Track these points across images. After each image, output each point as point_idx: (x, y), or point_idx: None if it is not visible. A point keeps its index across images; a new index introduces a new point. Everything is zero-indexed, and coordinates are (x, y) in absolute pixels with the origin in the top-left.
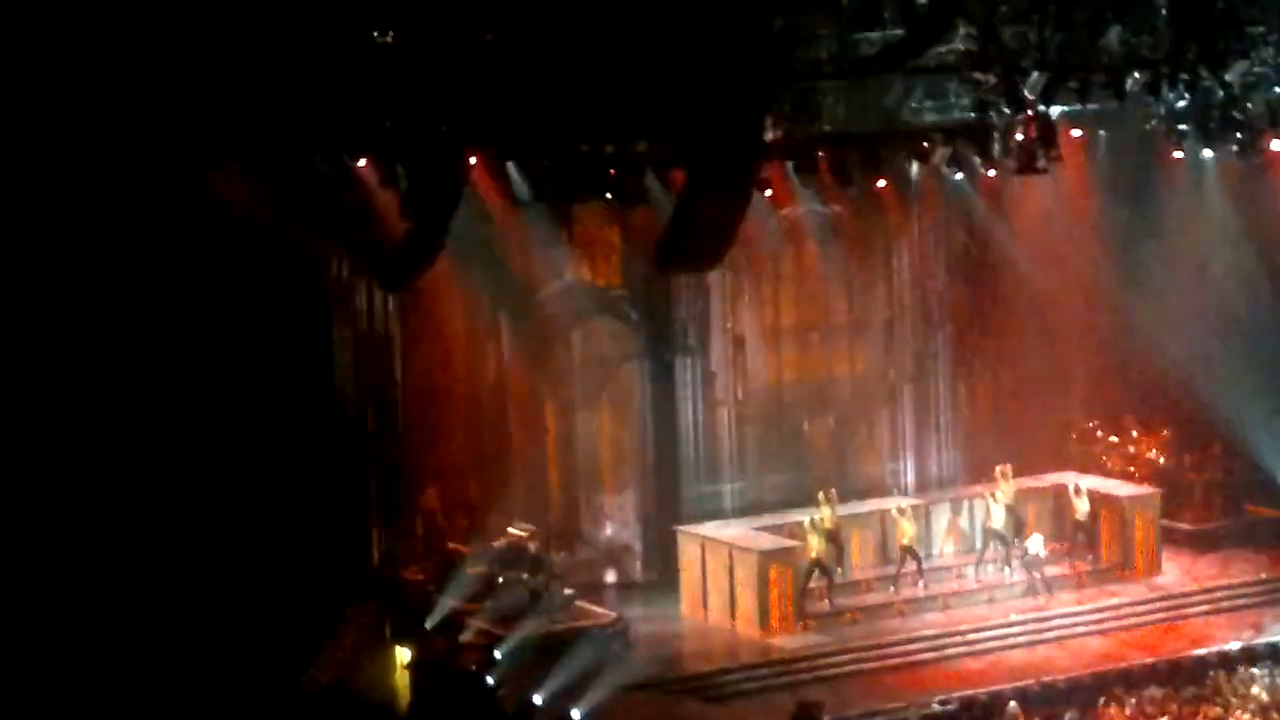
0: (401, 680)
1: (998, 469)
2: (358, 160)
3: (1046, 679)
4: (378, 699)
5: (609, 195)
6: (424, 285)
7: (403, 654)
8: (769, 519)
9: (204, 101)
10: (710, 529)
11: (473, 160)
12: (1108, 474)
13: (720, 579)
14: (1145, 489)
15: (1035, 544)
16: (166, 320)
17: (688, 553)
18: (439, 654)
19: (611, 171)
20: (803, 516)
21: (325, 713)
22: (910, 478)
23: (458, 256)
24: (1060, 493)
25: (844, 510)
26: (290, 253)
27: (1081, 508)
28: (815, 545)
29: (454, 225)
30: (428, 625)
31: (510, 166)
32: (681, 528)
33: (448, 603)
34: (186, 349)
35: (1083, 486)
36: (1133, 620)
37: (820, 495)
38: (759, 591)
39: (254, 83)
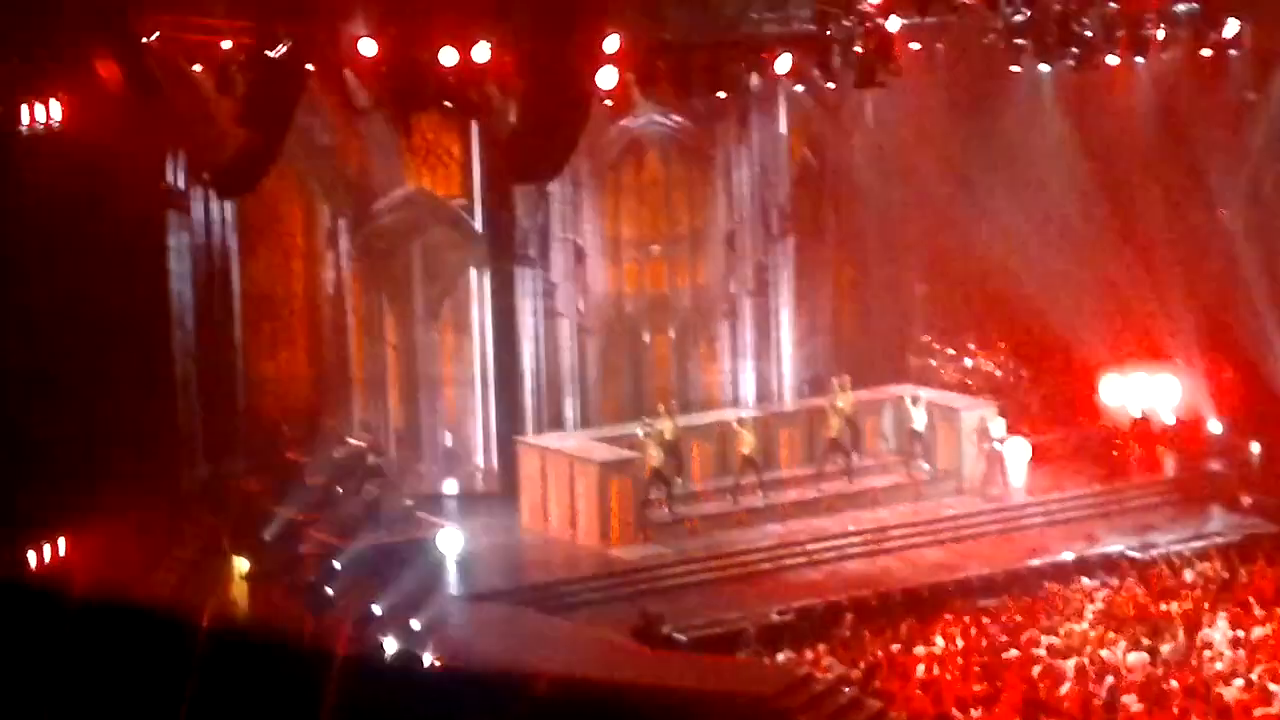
0: (240, 591)
1: (835, 380)
2: (194, 66)
3: (883, 590)
4: (215, 610)
5: (449, 104)
6: (262, 193)
7: (241, 565)
8: (609, 430)
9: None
10: (551, 440)
11: (310, 67)
12: (945, 387)
13: (561, 491)
14: (982, 402)
15: (998, 428)
16: None
17: (528, 464)
18: (277, 565)
19: (451, 80)
20: (642, 429)
21: (162, 624)
22: (750, 389)
23: (296, 165)
24: (898, 404)
25: (684, 421)
26: (125, 159)
27: (919, 418)
28: (654, 456)
29: (291, 133)
30: (266, 536)
31: (348, 73)
32: (522, 439)
33: (286, 514)
34: (17, 253)
35: (921, 397)
36: (969, 532)
37: (660, 407)
38: (600, 503)
39: None
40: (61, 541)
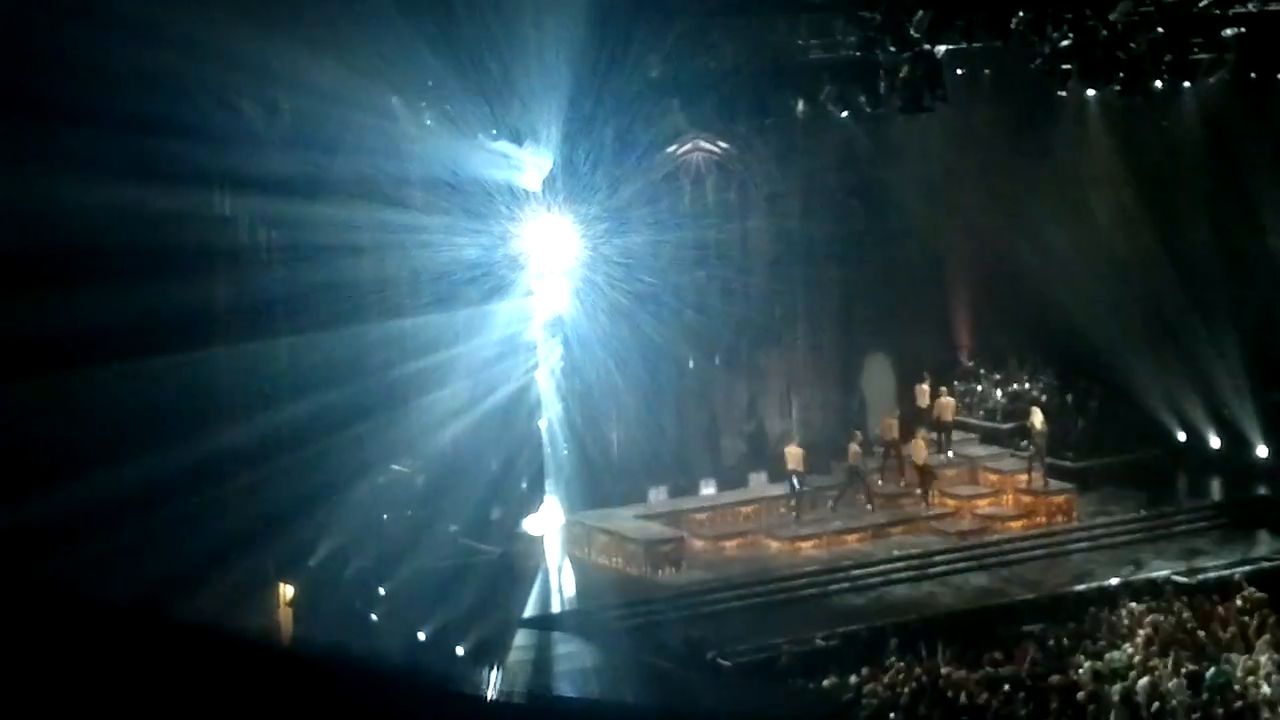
0: (285, 617)
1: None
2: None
3: (928, 615)
4: (260, 636)
5: (494, 131)
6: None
7: (286, 591)
8: (654, 505)
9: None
10: (597, 518)
11: None
12: (990, 412)
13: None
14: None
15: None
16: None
17: (573, 536)
18: (322, 591)
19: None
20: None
21: (206, 649)
22: (795, 414)
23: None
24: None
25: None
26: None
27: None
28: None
29: None
30: (311, 562)
31: (395, 101)
32: (567, 517)
33: (331, 540)
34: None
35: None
36: (1014, 557)
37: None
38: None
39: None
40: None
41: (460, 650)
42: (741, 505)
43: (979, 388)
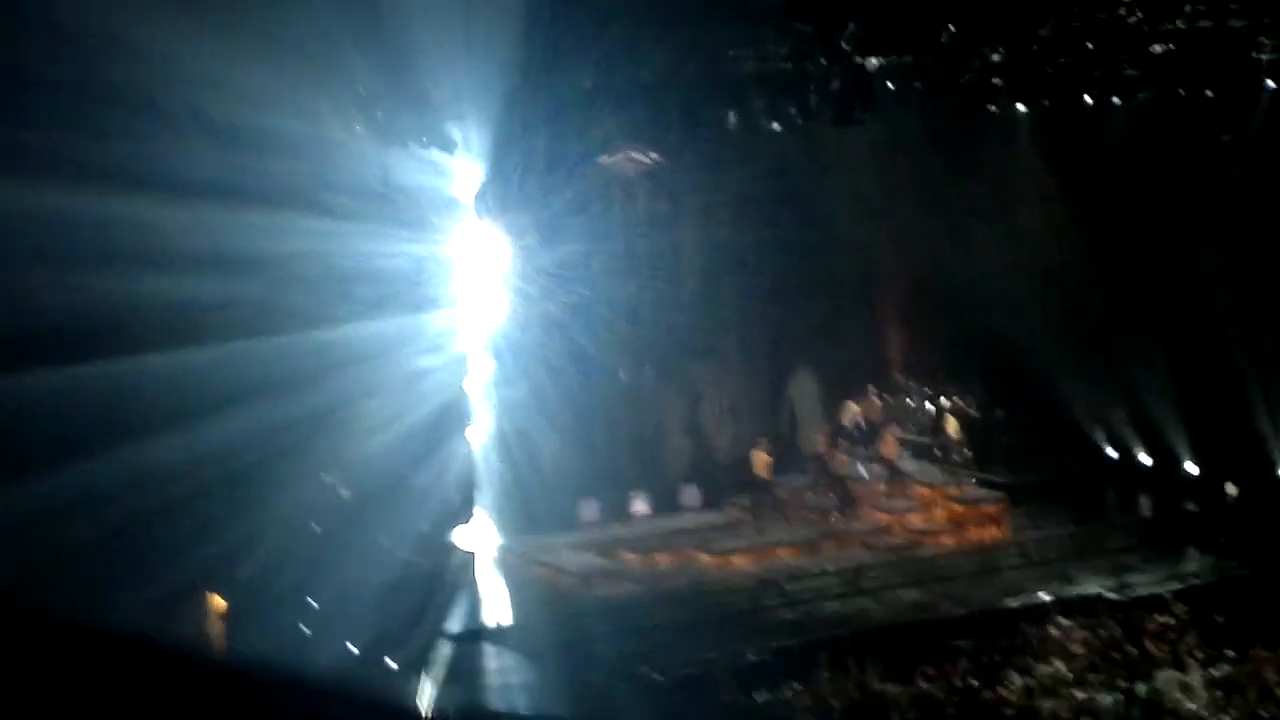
0: (215, 628)
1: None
2: None
3: (860, 630)
4: (190, 647)
5: (425, 139)
6: None
7: (216, 602)
8: (589, 533)
9: None
10: (530, 546)
11: None
12: (919, 426)
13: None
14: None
15: (953, 429)
16: None
17: (506, 566)
18: (253, 603)
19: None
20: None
21: (135, 660)
22: (730, 426)
23: None
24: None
25: None
26: None
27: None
28: None
29: None
30: (241, 574)
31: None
32: (500, 541)
33: (262, 551)
34: None
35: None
36: (946, 572)
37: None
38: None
39: None
40: None
41: (392, 663)
42: (681, 531)
43: (909, 402)
